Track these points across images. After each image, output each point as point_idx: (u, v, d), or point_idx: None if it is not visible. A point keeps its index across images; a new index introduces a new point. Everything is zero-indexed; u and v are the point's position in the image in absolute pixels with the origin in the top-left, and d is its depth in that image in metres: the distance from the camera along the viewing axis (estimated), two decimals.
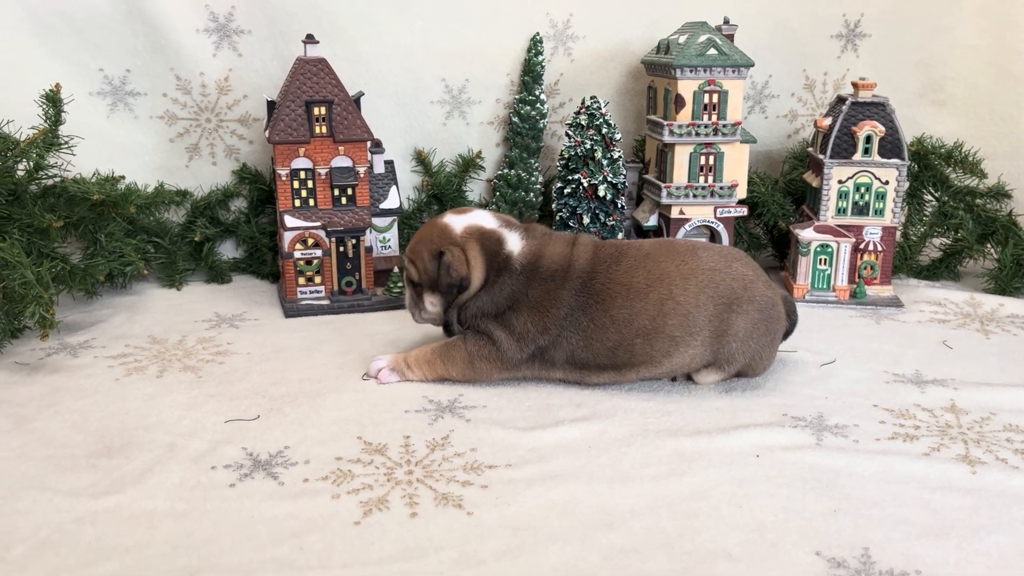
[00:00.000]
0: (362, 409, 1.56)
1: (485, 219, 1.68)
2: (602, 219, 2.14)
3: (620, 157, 2.13)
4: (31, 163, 1.91)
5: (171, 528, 1.20)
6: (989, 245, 2.31)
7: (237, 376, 1.70)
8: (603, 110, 2.11)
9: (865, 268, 2.16)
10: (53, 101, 1.92)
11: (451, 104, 2.39)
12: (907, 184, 2.15)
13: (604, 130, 2.09)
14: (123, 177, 2.17)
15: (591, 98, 2.13)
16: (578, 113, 2.13)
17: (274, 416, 1.53)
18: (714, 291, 1.61)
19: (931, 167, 2.35)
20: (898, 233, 2.24)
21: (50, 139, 1.90)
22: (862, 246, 2.16)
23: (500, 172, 2.40)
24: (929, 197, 2.38)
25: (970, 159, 2.31)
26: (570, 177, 2.13)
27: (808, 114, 2.61)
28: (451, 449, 1.43)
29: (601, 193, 2.10)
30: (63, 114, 1.94)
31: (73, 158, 2.01)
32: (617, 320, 1.60)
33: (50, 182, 1.97)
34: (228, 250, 2.37)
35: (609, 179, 2.10)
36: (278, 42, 2.22)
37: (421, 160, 2.41)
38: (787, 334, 1.74)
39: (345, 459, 1.39)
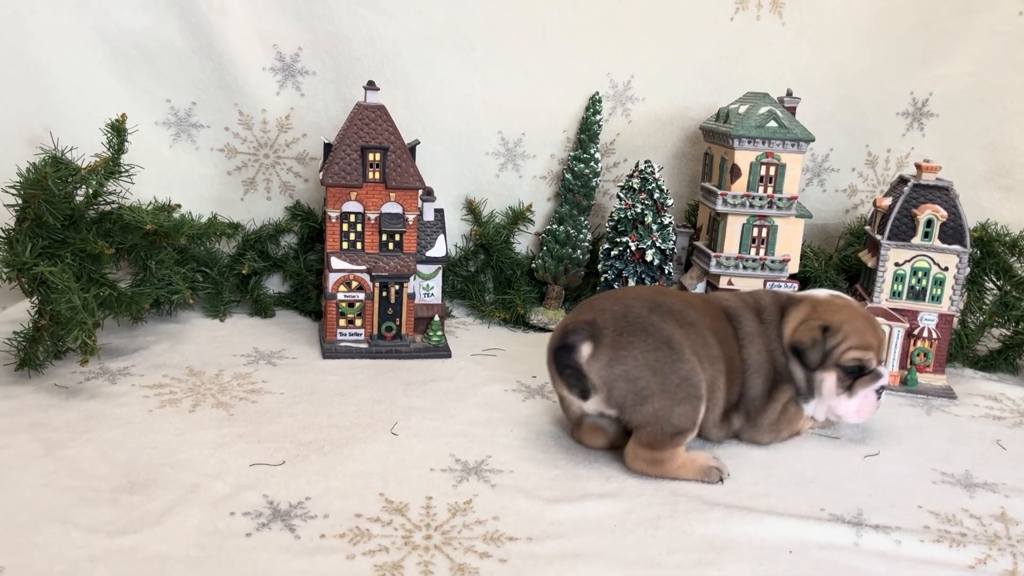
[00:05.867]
0: (387, 464, 1.54)
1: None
2: (647, 284, 2.11)
3: (671, 223, 2.10)
4: (90, 190, 1.94)
5: (183, 575, 1.19)
6: None
7: (268, 417, 1.69)
8: (656, 175, 2.08)
9: (918, 355, 2.09)
10: (118, 130, 1.96)
11: (506, 156, 2.39)
12: (967, 271, 2.08)
13: (656, 195, 2.07)
14: (179, 206, 2.20)
15: (645, 162, 2.11)
16: (631, 176, 2.11)
17: (299, 463, 1.52)
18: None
19: (994, 254, 2.27)
20: (955, 320, 2.16)
21: (111, 168, 1.93)
22: (916, 332, 2.08)
23: (549, 227, 2.38)
24: (991, 285, 2.29)
25: None
26: (618, 239, 2.11)
27: (868, 190, 2.56)
28: (473, 515, 1.39)
29: (649, 258, 2.07)
30: (126, 143, 1.97)
31: (132, 185, 2.05)
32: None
33: (107, 208, 2.01)
34: (275, 284, 2.39)
35: (658, 244, 2.07)
36: (340, 85, 2.26)
37: (471, 209, 2.42)
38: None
39: (364, 516, 1.37)
